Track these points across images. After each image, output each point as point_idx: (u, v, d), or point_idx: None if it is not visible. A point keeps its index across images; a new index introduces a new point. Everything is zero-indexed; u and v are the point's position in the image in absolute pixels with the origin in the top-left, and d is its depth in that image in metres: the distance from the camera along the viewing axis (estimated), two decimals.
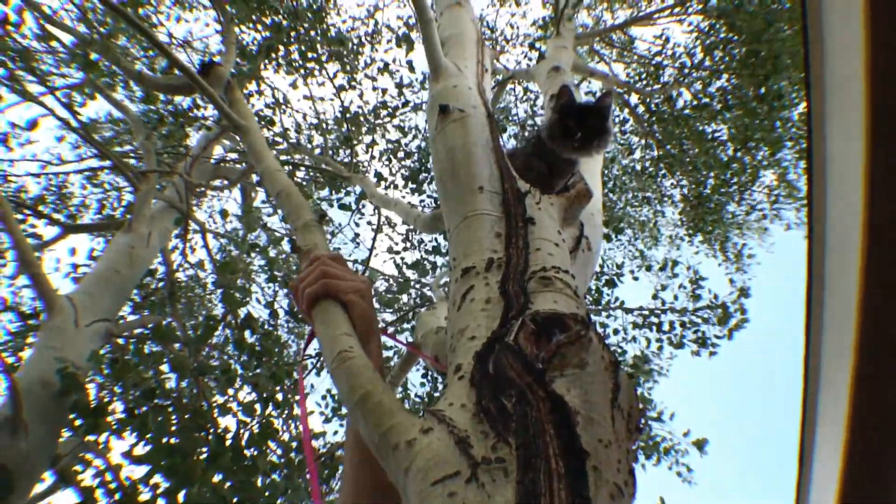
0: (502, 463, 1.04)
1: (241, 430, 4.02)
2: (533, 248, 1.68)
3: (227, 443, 3.81)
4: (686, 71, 7.98)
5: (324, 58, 7.29)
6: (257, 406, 4.13)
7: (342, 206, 6.97)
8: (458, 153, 2.05)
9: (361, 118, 7.85)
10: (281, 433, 4.58)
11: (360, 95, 7.89)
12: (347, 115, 7.23)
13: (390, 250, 7.72)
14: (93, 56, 4.91)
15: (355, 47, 8.12)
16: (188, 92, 3.88)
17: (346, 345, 1.39)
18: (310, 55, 7.03)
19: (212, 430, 3.79)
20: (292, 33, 6.84)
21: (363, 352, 1.40)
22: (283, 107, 7.71)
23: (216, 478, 3.58)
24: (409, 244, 7.87)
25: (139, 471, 3.70)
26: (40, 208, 7.47)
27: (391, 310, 7.32)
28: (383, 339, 1.72)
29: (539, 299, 1.45)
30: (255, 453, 3.83)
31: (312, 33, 7.05)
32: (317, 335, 1.48)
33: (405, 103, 8.17)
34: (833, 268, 1.58)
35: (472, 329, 1.44)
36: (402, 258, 7.69)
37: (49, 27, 5.37)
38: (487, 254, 1.67)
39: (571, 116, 2.20)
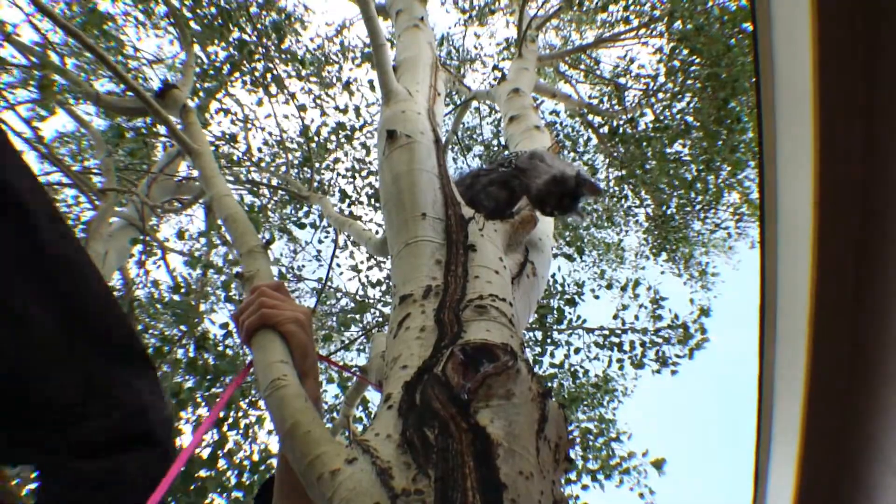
0: (421, 495, 1.05)
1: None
2: (472, 275, 1.69)
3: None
4: (649, 92, 8.08)
5: (285, 78, 7.28)
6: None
7: (300, 226, 6.94)
8: (403, 179, 2.06)
9: (322, 137, 7.82)
10: (237, 458, 4.54)
11: (322, 114, 7.88)
12: (309, 135, 7.21)
13: (355, 269, 7.67)
14: (51, 77, 4.86)
15: (320, 66, 8.12)
16: (144, 114, 3.86)
17: (280, 373, 1.39)
18: (273, 73, 7.02)
19: None
20: (258, 50, 6.83)
21: (297, 381, 1.39)
22: (249, 124, 7.68)
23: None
24: (373, 262, 7.83)
25: None
26: None
27: (354, 328, 7.29)
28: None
29: (472, 328, 1.46)
30: (209, 475, 3.79)
31: (275, 52, 7.06)
32: (254, 363, 1.48)
33: (363, 125, 8.16)
34: (785, 285, 1.61)
35: (404, 358, 1.44)
36: (367, 276, 7.66)
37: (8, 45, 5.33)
38: (426, 281, 1.68)
39: (562, 194, 2.26)
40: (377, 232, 5.90)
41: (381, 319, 7.25)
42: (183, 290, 5.60)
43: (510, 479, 1.06)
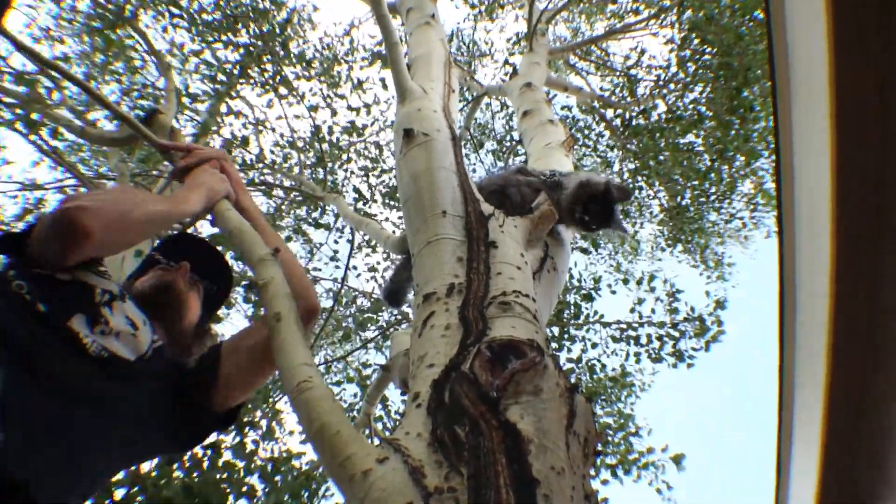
0: (454, 493, 1.05)
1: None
2: (494, 272, 1.69)
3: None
4: (661, 83, 8.04)
5: (293, 79, 7.28)
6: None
7: (318, 225, 6.95)
8: (422, 178, 2.06)
9: (335, 137, 7.80)
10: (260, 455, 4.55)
11: (333, 114, 7.86)
12: (320, 135, 7.20)
13: (371, 269, 7.66)
14: (33, 117, 4.83)
15: (329, 66, 8.10)
16: (133, 142, 3.85)
17: (305, 375, 1.39)
18: (282, 75, 7.02)
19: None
20: (265, 55, 6.84)
21: (324, 382, 1.40)
22: (261, 126, 7.68)
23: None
24: (388, 262, 7.82)
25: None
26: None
27: (372, 327, 7.30)
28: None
29: (497, 325, 1.46)
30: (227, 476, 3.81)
31: (283, 53, 7.06)
32: (275, 357, 1.49)
33: (373, 122, 8.14)
34: (804, 275, 1.60)
35: (430, 356, 1.45)
36: (383, 276, 7.65)
37: None
38: (448, 279, 1.68)
39: (589, 197, 2.30)
40: (394, 231, 5.91)
41: (398, 317, 7.25)
42: None
43: (542, 474, 1.06)
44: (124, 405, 1.53)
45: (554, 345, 6.90)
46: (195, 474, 3.81)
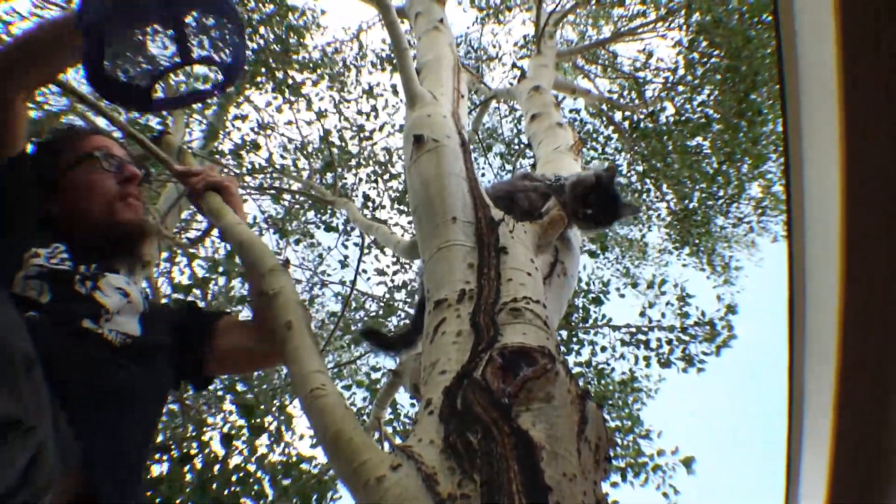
0: (467, 499, 1.06)
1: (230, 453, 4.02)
2: (505, 278, 1.69)
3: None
4: (668, 85, 8.02)
5: (303, 86, 7.30)
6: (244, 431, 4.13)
7: (328, 228, 6.98)
8: (432, 184, 2.07)
9: (344, 142, 7.81)
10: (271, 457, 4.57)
11: (341, 118, 7.87)
12: (329, 139, 7.21)
13: (380, 272, 7.67)
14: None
15: (338, 71, 8.12)
16: (142, 161, 3.94)
17: (318, 382, 1.40)
18: (288, 85, 7.04)
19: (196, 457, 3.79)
20: (271, 62, 6.87)
21: (336, 390, 1.41)
22: (269, 131, 7.70)
23: None
24: (398, 265, 7.83)
25: None
26: None
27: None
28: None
29: (509, 331, 1.46)
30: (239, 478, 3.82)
31: (293, 56, 7.08)
32: (288, 367, 1.51)
33: (382, 126, 8.14)
34: (814, 279, 1.60)
35: (442, 363, 1.45)
36: (392, 280, 7.67)
37: None
38: (459, 285, 1.69)
39: (585, 191, 2.30)
40: (403, 234, 5.91)
41: (407, 322, 7.25)
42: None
43: (554, 481, 1.07)
44: (154, 382, 1.60)
45: (562, 348, 6.88)
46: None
